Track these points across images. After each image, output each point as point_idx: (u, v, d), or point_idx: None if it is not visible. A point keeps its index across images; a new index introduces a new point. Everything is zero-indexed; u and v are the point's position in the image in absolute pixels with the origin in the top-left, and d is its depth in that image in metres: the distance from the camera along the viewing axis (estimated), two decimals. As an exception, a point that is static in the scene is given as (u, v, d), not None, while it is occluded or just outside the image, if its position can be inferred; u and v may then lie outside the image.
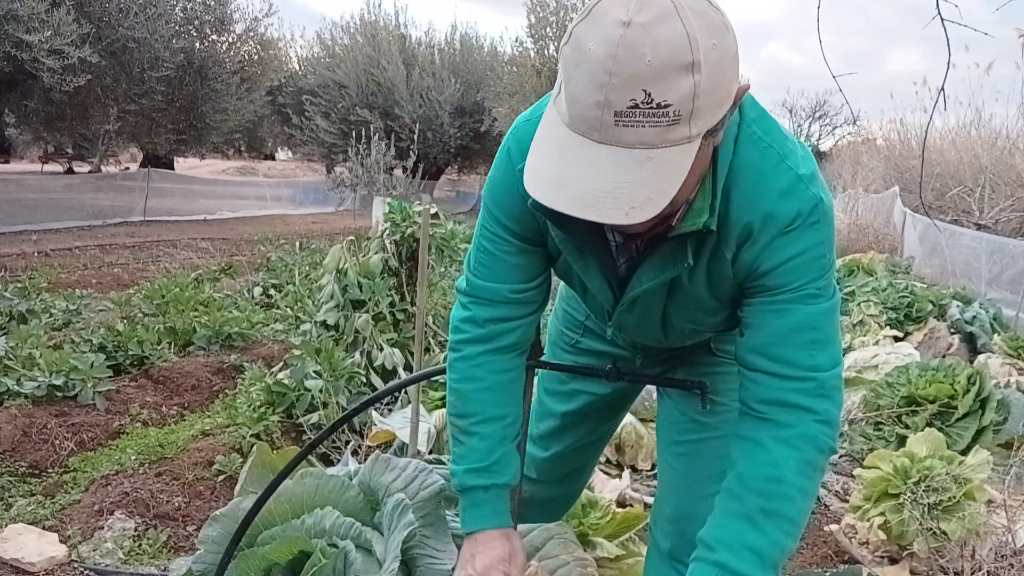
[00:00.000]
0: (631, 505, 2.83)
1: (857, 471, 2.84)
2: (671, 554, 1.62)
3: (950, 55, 2.00)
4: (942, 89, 2.09)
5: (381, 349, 3.98)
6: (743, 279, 1.25)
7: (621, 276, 1.34)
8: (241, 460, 3.13)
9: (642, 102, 0.97)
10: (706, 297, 1.31)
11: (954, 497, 2.44)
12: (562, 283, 1.58)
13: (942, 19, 1.93)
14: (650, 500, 3.10)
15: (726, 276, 1.26)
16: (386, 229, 4.30)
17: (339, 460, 2.96)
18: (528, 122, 1.29)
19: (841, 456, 3.71)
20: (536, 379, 1.68)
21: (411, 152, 14.78)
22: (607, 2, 0.99)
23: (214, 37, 15.08)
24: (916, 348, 4.83)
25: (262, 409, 3.54)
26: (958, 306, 5.55)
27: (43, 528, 2.66)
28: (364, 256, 4.26)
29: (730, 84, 1.03)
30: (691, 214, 1.18)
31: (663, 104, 0.97)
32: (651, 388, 3.57)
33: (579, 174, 1.03)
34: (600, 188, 1.02)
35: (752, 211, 1.19)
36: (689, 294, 1.31)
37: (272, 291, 6.60)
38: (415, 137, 15.67)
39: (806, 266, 1.21)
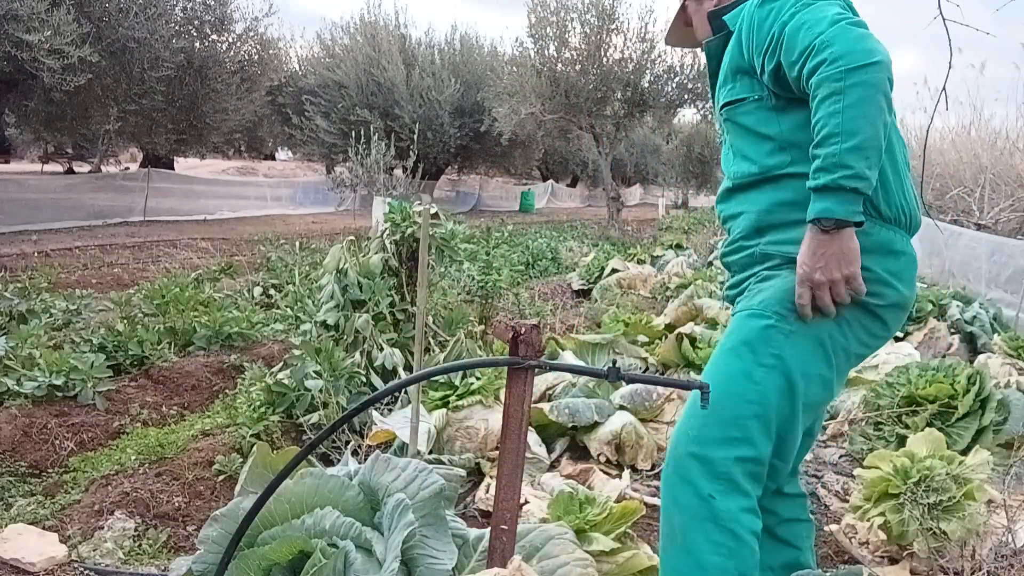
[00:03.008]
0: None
1: (857, 471, 2.84)
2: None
3: (951, 54, 2.00)
4: (943, 89, 2.10)
5: (381, 349, 3.98)
6: (756, 55, 1.73)
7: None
8: (241, 460, 3.13)
9: None
10: (730, 74, 1.83)
11: (954, 497, 2.44)
12: None
13: (943, 19, 1.94)
14: (650, 500, 3.10)
15: (736, 54, 1.80)
16: (386, 229, 4.30)
17: (339, 460, 2.96)
18: None
19: (841, 456, 3.71)
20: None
21: (411, 152, 14.79)
22: None
23: (214, 37, 15.08)
24: (916, 348, 4.83)
25: (262, 409, 3.54)
26: (958, 306, 5.55)
27: (43, 528, 2.66)
28: (364, 256, 4.26)
29: None
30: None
31: None
32: (652, 388, 3.58)
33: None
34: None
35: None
36: (724, 82, 1.87)
37: (272, 291, 6.60)
38: (415, 137, 15.67)
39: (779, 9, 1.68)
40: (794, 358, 1.69)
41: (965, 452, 2.82)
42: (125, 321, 4.99)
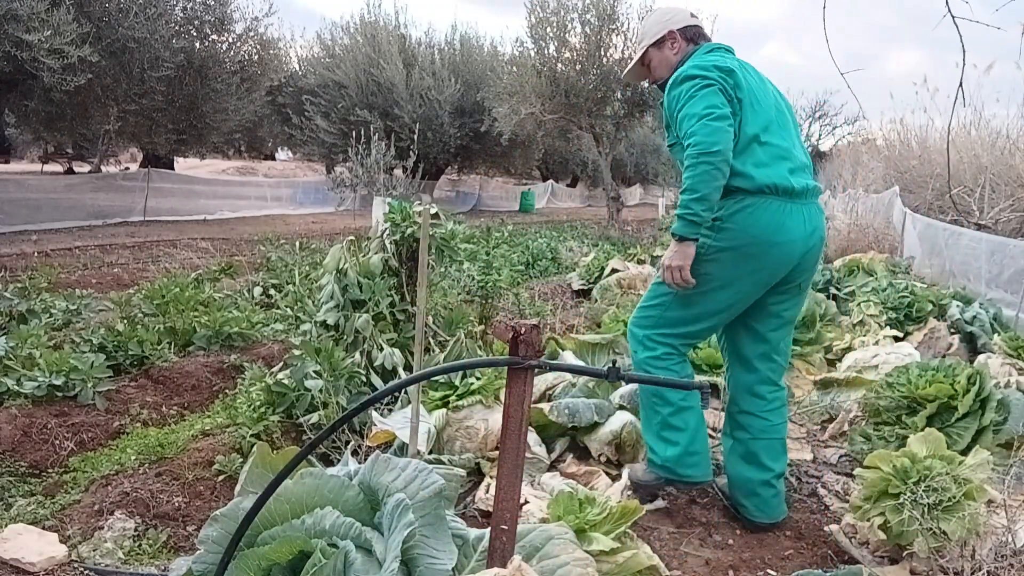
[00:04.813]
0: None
1: (857, 471, 2.84)
2: None
3: (964, 52, 2.00)
4: (960, 85, 2.10)
5: (381, 349, 3.98)
6: (671, 122, 2.77)
7: None
8: (241, 460, 3.13)
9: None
10: (665, 122, 2.88)
11: (954, 497, 2.44)
12: None
13: (953, 17, 1.94)
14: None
15: (665, 112, 2.83)
16: (386, 229, 4.30)
17: (339, 460, 2.96)
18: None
19: (841, 456, 3.71)
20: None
21: (411, 152, 14.77)
22: None
23: (214, 37, 15.07)
24: (916, 348, 4.83)
25: (262, 409, 3.54)
26: (958, 306, 5.55)
27: (43, 528, 2.66)
28: (364, 256, 4.26)
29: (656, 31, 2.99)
30: None
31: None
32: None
33: None
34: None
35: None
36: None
37: (272, 291, 6.59)
38: (415, 137, 15.66)
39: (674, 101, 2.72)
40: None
41: (965, 452, 2.82)
42: (125, 321, 4.99)
